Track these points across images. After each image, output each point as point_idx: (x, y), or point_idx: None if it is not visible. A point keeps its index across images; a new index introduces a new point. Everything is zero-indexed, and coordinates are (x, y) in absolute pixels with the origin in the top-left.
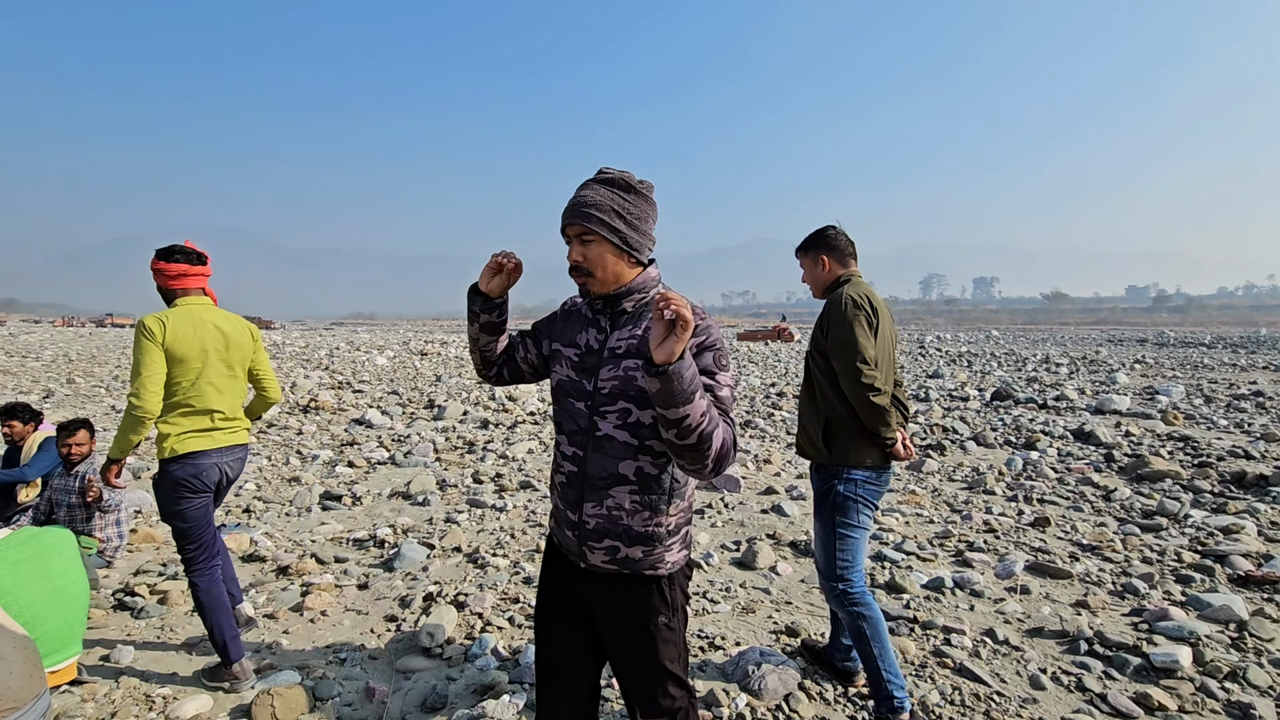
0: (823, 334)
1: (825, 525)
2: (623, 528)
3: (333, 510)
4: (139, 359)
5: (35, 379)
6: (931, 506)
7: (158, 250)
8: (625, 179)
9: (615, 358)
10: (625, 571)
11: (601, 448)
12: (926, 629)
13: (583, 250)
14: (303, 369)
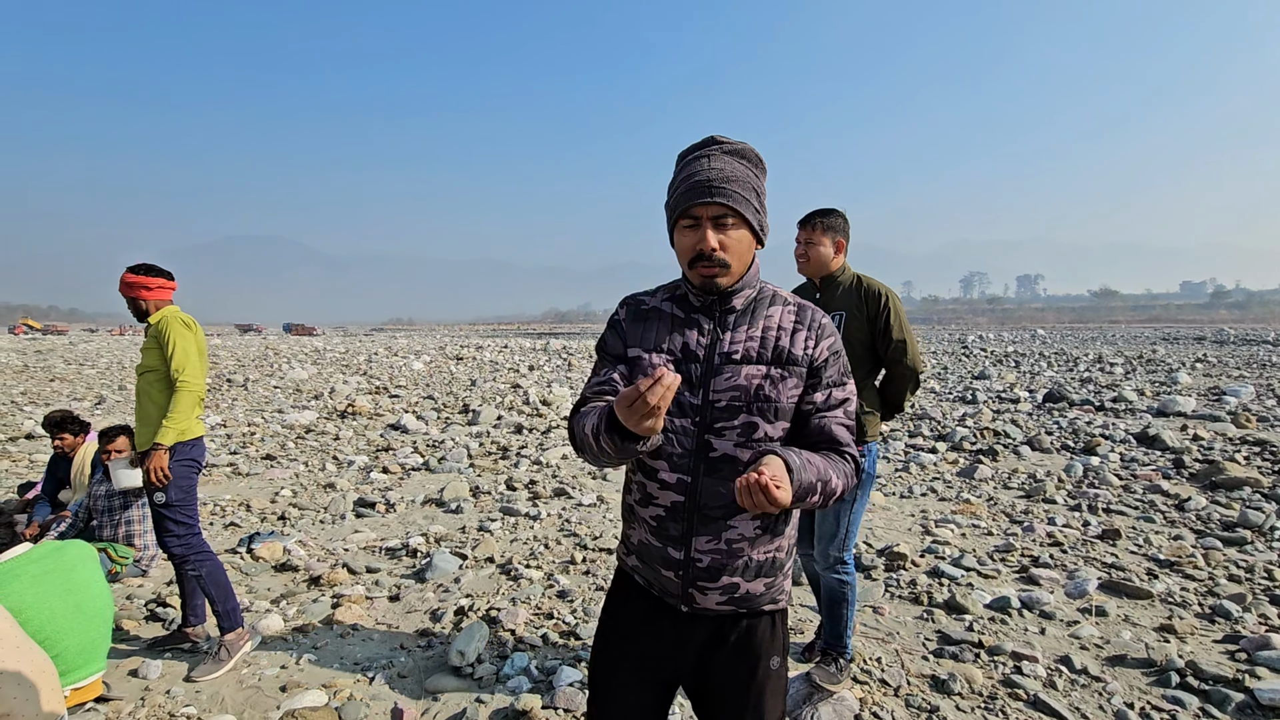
0: (870, 319)
1: (846, 504)
2: (744, 560)
3: (366, 518)
4: (185, 348)
5: (89, 386)
6: (989, 517)
7: (154, 268)
8: (753, 151)
9: (733, 364)
10: (742, 610)
11: (718, 470)
12: (994, 655)
13: (721, 236)
14: (342, 374)
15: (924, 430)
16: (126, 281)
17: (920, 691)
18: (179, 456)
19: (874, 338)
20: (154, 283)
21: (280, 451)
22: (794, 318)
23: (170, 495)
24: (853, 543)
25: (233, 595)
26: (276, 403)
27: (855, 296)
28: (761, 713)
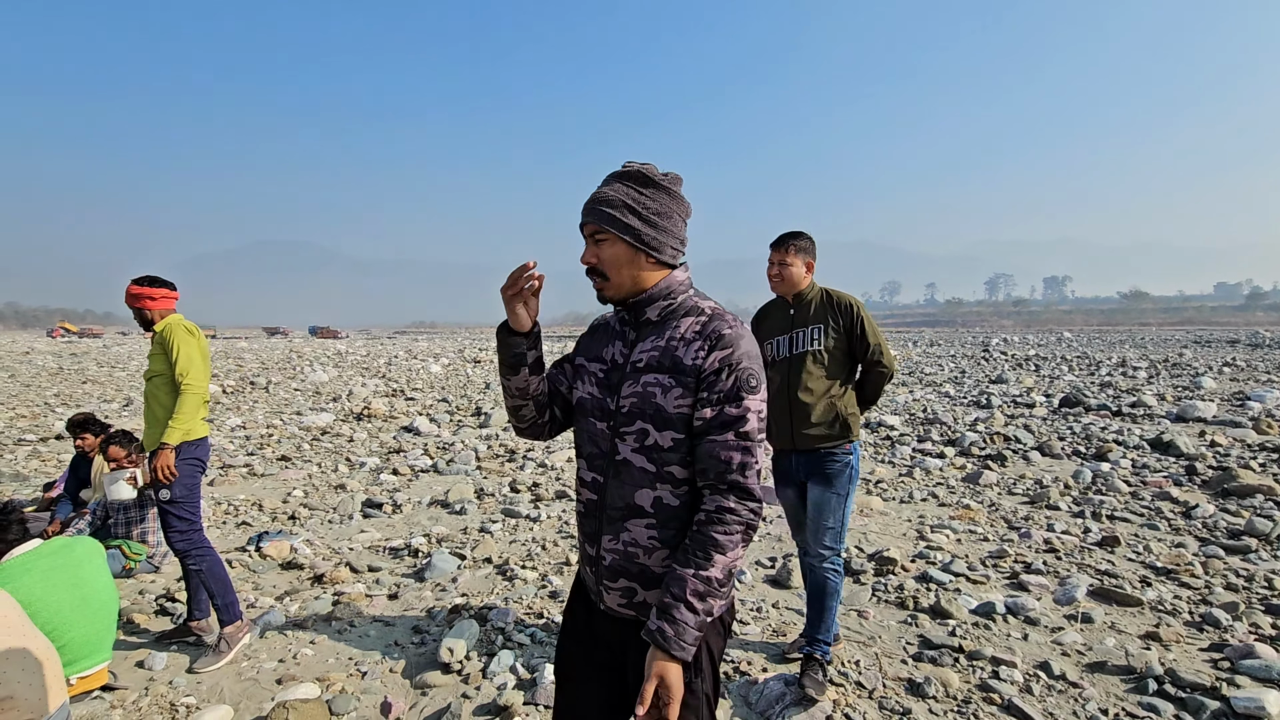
0: (846, 329)
1: (840, 496)
2: (639, 567)
3: (373, 518)
4: (189, 354)
5: (119, 388)
6: (987, 523)
7: (157, 279)
8: (644, 171)
9: (636, 372)
10: (643, 619)
11: (620, 474)
12: (973, 660)
13: (596, 251)
14: (361, 377)
15: (934, 435)
16: (132, 293)
17: (895, 694)
18: (183, 455)
19: (850, 344)
20: (158, 293)
21: (296, 453)
22: (697, 329)
23: (174, 492)
24: (844, 535)
25: (231, 589)
26: (296, 405)
27: (827, 309)
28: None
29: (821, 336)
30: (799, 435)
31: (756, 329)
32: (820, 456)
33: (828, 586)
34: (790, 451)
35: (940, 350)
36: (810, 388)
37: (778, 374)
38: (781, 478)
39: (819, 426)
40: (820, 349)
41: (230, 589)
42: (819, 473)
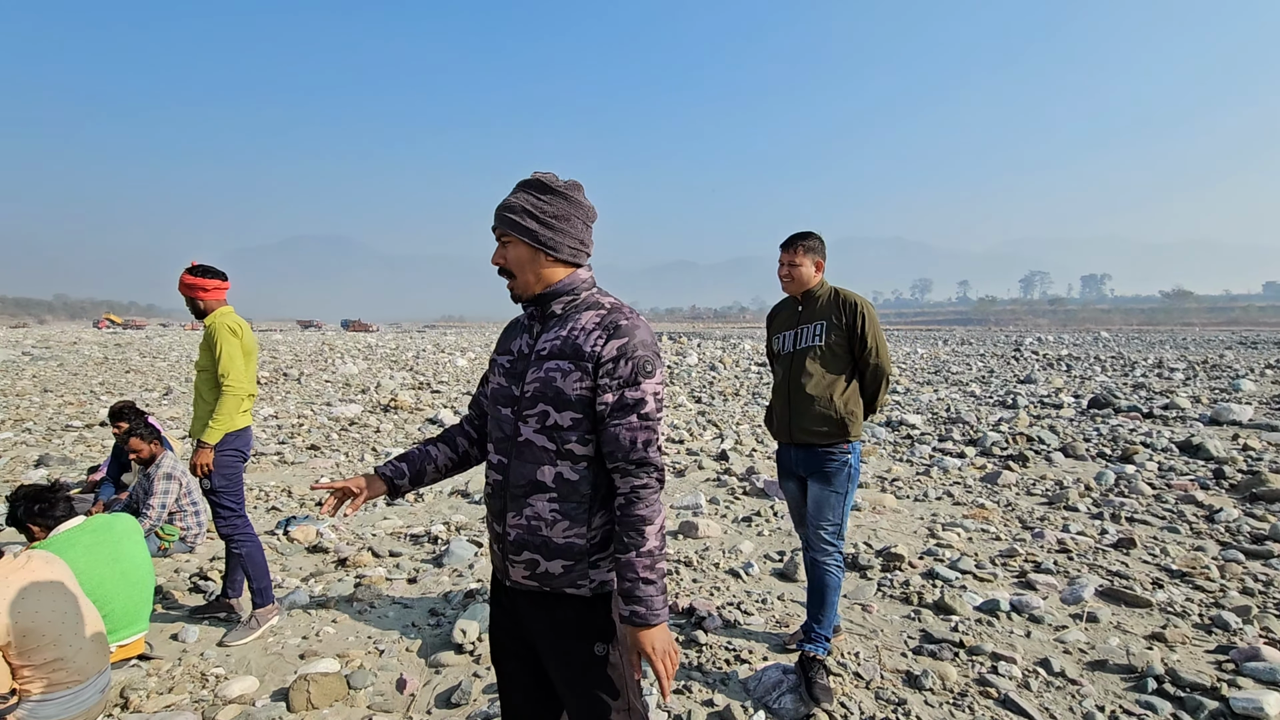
0: (848, 326)
1: (839, 494)
2: (541, 539)
3: (396, 506)
4: (231, 353)
5: (160, 377)
6: (1001, 522)
7: (211, 269)
8: (542, 180)
9: (539, 360)
10: (546, 589)
11: (522, 454)
12: (973, 655)
13: (504, 253)
14: (389, 370)
15: (955, 434)
16: (186, 283)
17: (892, 685)
18: (224, 447)
19: (851, 342)
20: (210, 284)
21: (325, 442)
22: (597, 320)
23: (216, 483)
24: (844, 531)
25: (267, 574)
26: (326, 396)
27: (833, 307)
28: (589, 693)
29: (824, 333)
30: (797, 430)
31: (769, 324)
32: (818, 454)
33: (828, 580)
34: (789, 445)
35: (969, 349)
36: (811, 383)
37: (781, 368)
38: (783, 471)
39: (817, 422)
40: (822, 345)
41: (267, 574)
42: (817, 470)
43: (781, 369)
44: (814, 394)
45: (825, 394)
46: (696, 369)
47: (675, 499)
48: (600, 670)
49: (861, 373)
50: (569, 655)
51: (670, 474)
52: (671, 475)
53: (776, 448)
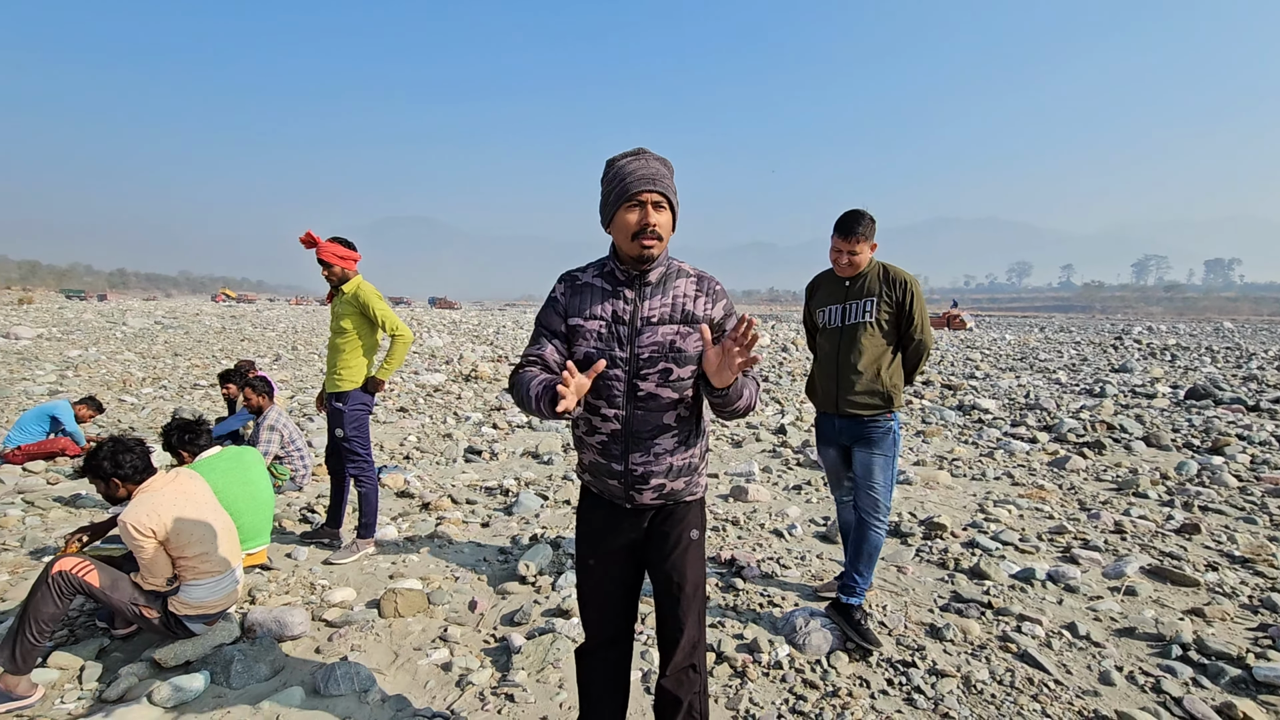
0: (896, 304)
1: (885, 459)
2: (667, 466)
3: (473, 463)
4: (386, 310)
5: (270, 346)
6: (1058, 503)
7: (349, 242)
8: (666, 159)
9: (651, 325)
10: (670, 503)
11: (646, 405)
12: (1000, 615)
13: (659, 216)
14: (471, 344)
15: (1029, 420)
16: (337, 252)
17: (914, 635)
18: (355, 402)
19: (898, 318)
20: (353, 255)
21: (412, 406)
22: (696, 287)
23: (348, 431)
24: (891, 494)
25: (376, 514)
26: (414, 365)
27: (882, 284)
28: (683, 567)
29: (875, 309)
30: (844, 401)
31: (810, 297)
32: (864, 424)
33: (872, 537)
34: (834, 415)
35: (1065, 337)
36: (860, 358)
37: (828, 341)
38: (823, 438)
39: (864, 395)
40: (873, 321)
41: (375, 513)
42: (863, 437)
43: (829, 343)
44: (863, 369)
45: (873, 369)
46: (768, 349)
47: (730, 466)
48: (696, 548)
49: (905, 347)
50: (678, 540)
51: (727, 444)
52: (728, 445)
53: (816, 416)
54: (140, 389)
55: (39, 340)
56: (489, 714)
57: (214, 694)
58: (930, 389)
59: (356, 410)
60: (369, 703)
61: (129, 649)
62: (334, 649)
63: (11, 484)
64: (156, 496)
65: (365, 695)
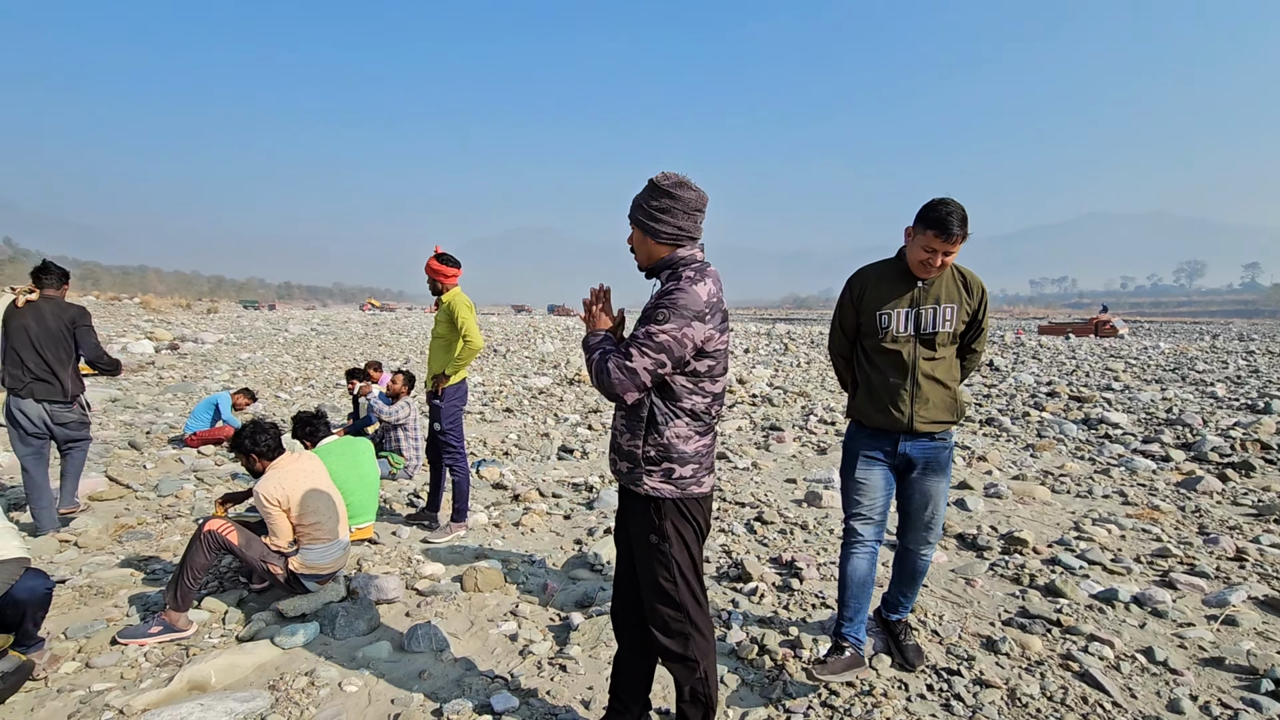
0: (971, 312)
1: (948, 483)
2: (617, 444)
3: (565, 460)
4: (469, 318)
5: (403, 350)
6: (1172, 525)
7: (451, 258)
8: (655, 181)
9: (641, 314)
10: (623, 483)
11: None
12: (1068, 633)
13: (630, 237)
14: (579, 350)
15: (1165, 436)
16: (433, 267)
17: (966, 645)
18: (452, 397)
19: (969, 327)
20: (450, 271)
21: (517, 407)
22: (661, 287)
23: (445, 425)
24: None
25: (468, 500)
26: (525, 369)
27: (959, 288)
28: (648, 570)
29: (954, 317)
30: (919, 419)
31: (860, 294)
32: (934, 443)
33: (923, 567)
34: (897, 434)
35: (1239, 345)
36: (941, 370)
37: (902, 350)
38: (870, 458)
39: (945, 411)
40: (952, 330)
41: (467, 499)
42: (933, 460)
43: (903, 351)
44: (945, 381)
45: (952, 381)
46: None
47: (810, 472)
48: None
49: (967, 354)
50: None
51: (812, 450)
52: (814, 452)
53: (851, 431)
54: (293, 387)
55: (219, 344)
56: (543, 680)
57: (321, 641)
58: (1054, 400)
59: (452, 406)
60: (443, 660)
61: (260, 600)
62: (420, 614)
63: (189, 464)
64: (283, 472)
65: (440, 654)
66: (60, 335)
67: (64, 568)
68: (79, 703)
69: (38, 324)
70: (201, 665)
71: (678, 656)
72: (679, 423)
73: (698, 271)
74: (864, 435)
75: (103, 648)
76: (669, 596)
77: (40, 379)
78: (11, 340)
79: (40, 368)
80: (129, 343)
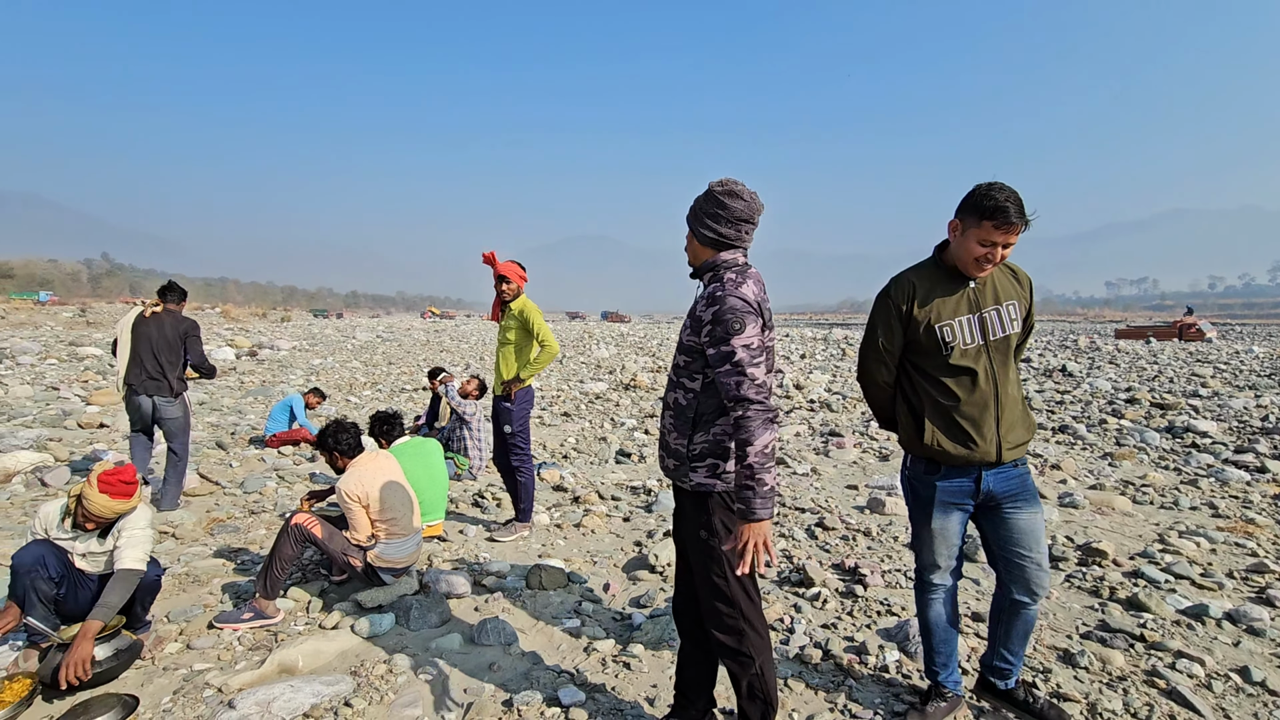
0: (1027, 306)
1: (1040, 510)
2: (665, 442)
3: (623, 464)
4: (543, 324)
5: (463, 356)
6: (1269, 540)
7: (520, 265)
8: (711, 186)
9: (689, 316)
10: (673, 481)
11: (670, 379)
12: (1153, 649)
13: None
14: (635, 355)
15: (1260, 446)
16: (515, 271)
17: (1042, 658)
18: (520, 402)
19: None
20: (523, 275)
21: (574, 411)
22: (707, 292)
23: (514, 427)
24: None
25: (533, 500)
26: (580, 375)
27: (1012, 282)
28: (701, 566)
29: (1018, 316)
30: (1007, 445)
31: (908, 307)
32: (1017, 470)
33: (1032, 615)
34: (979, 465)
35: None
36: (1012, 382)
37: (976, 365)
38: (948, 502)
39: (1024, 430)
40: (1018, 333)
41: (532, 500)
42: (1022, 489)
43: (977, 366)
44: (1019, 395)
45: (1023, 392)
46: None
47: (872, 479)
48: (710, 552)
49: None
50: (691, 536)
51: (874, 457)
52: (875, 458)
53: (918, 472)
54: (361, 391)
55: (293, 350)
56: (607, 676)
57: (397, 631)
58: (1135, 408)
59: (522, 410)
60: (511, 654)
61: (340, 591)
62: (488, 609)
63: (270, 463)
64: (363, 470)
65: (509, 648)
66: (175, 343)
67: (164, 557)
68: (182, 680)
69: (158, 332)
70: (290, 650)
71: (732, 652)
72: (725, 420)
73: (739, 274)
74: (936, 476)
75: (201, 631)
76: (720, 592)
77: (153, 378)
78: (136, 345)
79: (155, 369)
80: (212, 349)
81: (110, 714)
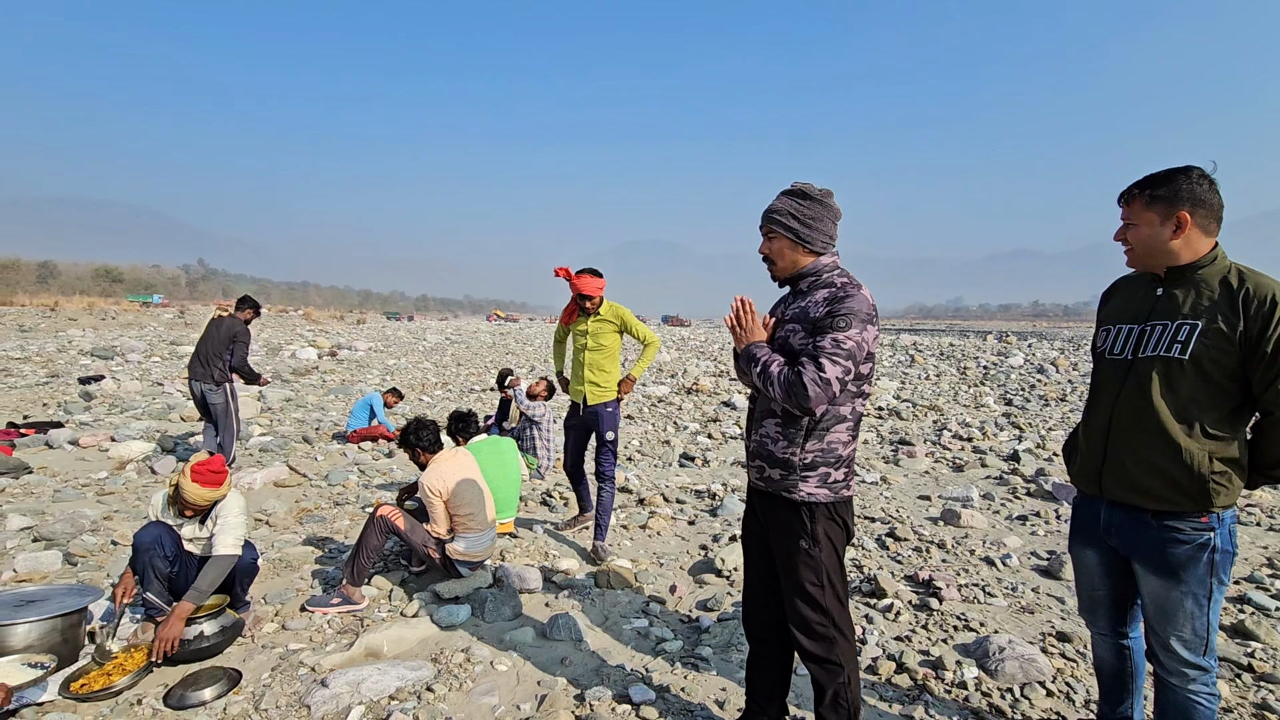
0: (1245, 334)
1: (1196, 599)
2: (767, 452)
3: (687, 468)
4: (639, 323)
5: (528, 358)
6: None
7: (596, 270)
8: (802, 189)
9: (783, 322)
10: (770, 490)
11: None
12: (1262, 680)
13: (767, 245)
14: (696, 359)
15: None
16: (594, 284)
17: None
18: (617, 407)
19: (1247, 361)
20: (601, 285)
21: (637, 414)
22: (827, 295)
23: (615, 434)
24: (1213, 644)
25: (610, 515)
26: (643, 378)
27: (1225, 300)
28: (795, 576)
29: (1194, 338)
30: (1112, 480)
31: (1101, 306)
32: (1153, 529)
33: (1178, 703)
34: (1095, 498)
35: None
36: (1152, 414)
37: (1108, 381)
38: (1081, 531)
39: (1152, 475)
40: (1185, 357)
41: (610, 514)
42: (1155, 554)
43: (1108, 383)
44: (1157, 430)
45: (1178, 433)
46: (1019, 371)
47: (945, 490)
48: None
49: (1265, 417)
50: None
51: (947, 467)
52: (948, 469)
53: (1074, 495)
54: (433, 391)
55: (369, 352)
56: (676, 677)
57: (473, 623)
58: None
59: (618, 415)
60: (581, 650)
61: (420, 582)
62: (559, 605)
63: (351, 457)
64: (443, 466)
65: (579, 644)
66: (224, 341)
67: (259, 543)
68: (279, 658)
69: (215, 332)
70: (375, 635)
71: (821, 659)
72: (840, 427)
73: (852, 277)
74: (1078, 500)
75: (294, 613)
76: (815, 601)
77: (203, 367)
78: (200, 340)
79: (206, 359)
80: (296, 349)
81: (217, 685)
